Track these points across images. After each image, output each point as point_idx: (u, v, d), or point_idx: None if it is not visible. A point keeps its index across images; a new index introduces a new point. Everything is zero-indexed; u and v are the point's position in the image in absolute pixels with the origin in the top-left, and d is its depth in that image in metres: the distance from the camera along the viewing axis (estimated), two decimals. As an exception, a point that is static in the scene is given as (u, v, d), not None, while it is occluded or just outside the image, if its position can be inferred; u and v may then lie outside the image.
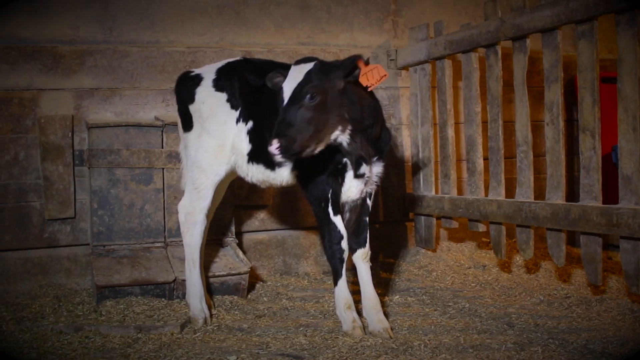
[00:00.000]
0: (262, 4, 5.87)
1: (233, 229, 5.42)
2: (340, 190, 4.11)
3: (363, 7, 6.18)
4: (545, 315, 4.34)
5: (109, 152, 5.09)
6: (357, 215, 4.23)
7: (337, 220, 4.08)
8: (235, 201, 5.46)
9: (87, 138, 5.18)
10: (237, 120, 4.42)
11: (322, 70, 3.73)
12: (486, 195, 5.25)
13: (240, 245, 5.50)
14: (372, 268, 4.25)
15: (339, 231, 4.07)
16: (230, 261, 5.08)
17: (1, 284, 5.06)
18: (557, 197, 4.58)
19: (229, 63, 4.62)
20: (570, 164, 6.38)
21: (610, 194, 4.52)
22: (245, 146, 4.39)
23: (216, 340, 4.03)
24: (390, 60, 6.16)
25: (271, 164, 4.25)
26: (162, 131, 5.22)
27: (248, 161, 4.41)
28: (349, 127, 3.80)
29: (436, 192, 5.85)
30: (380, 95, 6.07)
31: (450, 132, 5.62)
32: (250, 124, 4.38)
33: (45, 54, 5.26)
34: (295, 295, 5.06)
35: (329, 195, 4.07)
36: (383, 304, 4.71)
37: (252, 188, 5.23)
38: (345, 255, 4.10)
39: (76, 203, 5.24)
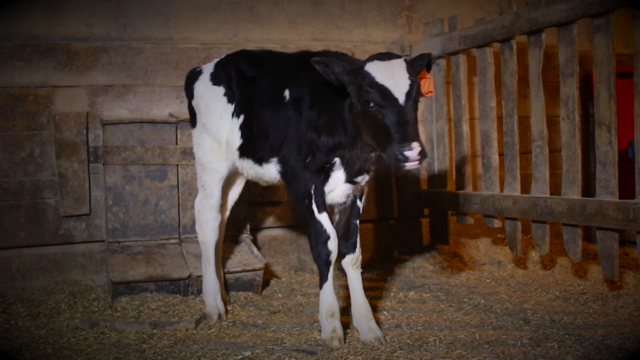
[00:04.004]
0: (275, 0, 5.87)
1: (248, 225, 5.42)
2: (323, 188, 3.86)
3: (377, 3, 6.17)
4: (562, 311, 4.31)
5: (123, 148, 5.10)
6: (347, 218, 3.99)
7: (323, 218, 3.80)
8: (249, 198, 5.46)
9: (101, 135, 5.19)
10: (232, 114, 4.28)
11: (412, 67, 3.46)
12: (501, 190, 5.23)
13: (254, 241, 5.50)
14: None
15: (325, 230, 3.79)
16: (245, 257, 5.08)
17: (17, 281, 5.09)
18: (573, 192, 4.55)
19: (227, 55, 4.53)
20: (586, 160, 6.34)
21: (626, 189, 4.49)
22: (237, 140, 4.23)
23: (231, 336, 4.04)
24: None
25: (259, 159, 4.09)
26: (177, 128, 5.23)
27: (239, 156, 4.25)
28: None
29: (451, 188, 5.82)
30: (394, 90, 6.05)
31: (465, 128, 5.60)
32: (242, 117, 4.20)
33: (60, 51, 5.27)
34: (310, 292, 5.06)
35: (312, 191, 3.79)
36: (398, 300, 4.71)
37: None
38: (333, 257, 3.82)
39: (91, 200, 5.26)
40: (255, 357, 3.65)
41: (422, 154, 3.22)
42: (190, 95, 4.54)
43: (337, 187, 3.88)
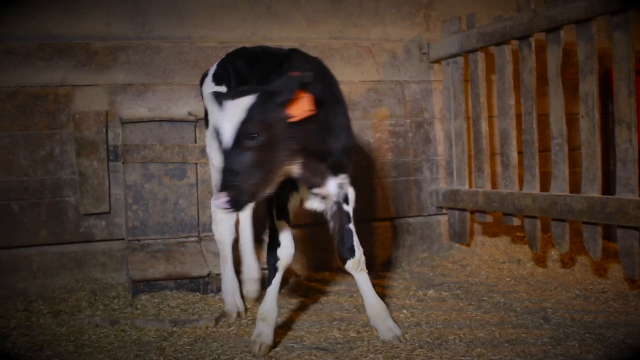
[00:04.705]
0: (293, -2, 5.89)
1: (267, 224, 5.42)
2: (288, 194, 3.79)
3: (395, 1, 6.16)
4: (582, 310, 4.29)
5: (142, 147, 5.12)
6: (340, 224, 3.88)
7: (280, 224, 3.81)
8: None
9: (121, 133, 5.22)
10: None
11: (264, 101, 3.28)
12: (520, 189, 5.21)
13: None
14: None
15: (277, 237, 3.81)
16: (264, 256, 5.08)
17: (38, 278, 5.12)
18: (593, 190, 4.53)
19: (227, 54, 4.52)
20: (605, 158, 6.30)
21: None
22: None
23: (250, 333, 4.04)
24: (423, 53, 6.13)
25: None
26: (195, 126, 5.25)
27: None
28: (299, 159, 3.44)
29: (470, 186, 5.81)
30: (413, 89, 6.06)
31: (484, 126, 5.58)
32: None
33: (79, 50, 5.30)
34: (329, 290, 5.07)
35: (273, 196, 3.68)
36: (417, 298, 4.70)
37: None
38: (280, 264, 3.79)
39: (111, 198, 5.29)
40: (275, 355, 3.66)
41: (231, 204, 3.17)
42: (201, 95, 4.57)
43: (307, 197, 3.85)
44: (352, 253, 3.85)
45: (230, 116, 3.27)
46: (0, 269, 5.05)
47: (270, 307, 3.81)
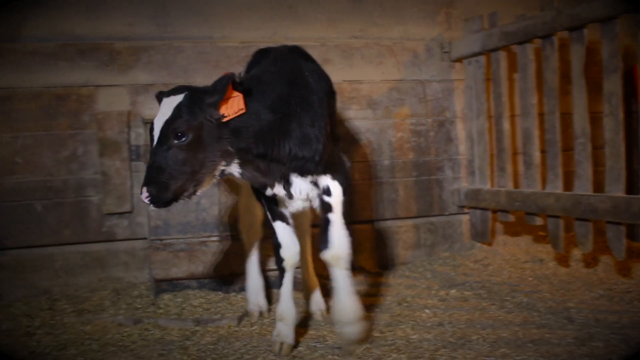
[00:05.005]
0: (314, -3, 5.89)
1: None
2: (273, 197, 3.77)
3: (416, 0, 6.14)
4: (606, 310, 4.25)
5: (165, 147, 5.13)
6: (322, 214, 3.74)
7: (277, 225, 3.83)
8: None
9: (143, 133, 5.24)
10: None
11: (193, 100, 3.29)
12: (543, 188, 5.18)
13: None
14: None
15: (277, 238, 3.84)
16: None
17: (61, 277, 5.15)
18: (617, 189, 4.49)
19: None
20: (629, 157, 6.25)
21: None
22: None
23: (273, 333, 4.06)
24: (444, 52, 6.10)
25: None
26: (217, 126, 5.25)
27: None
28: (236, 160, 3.43)
29: (492, 185, 5.78)
30: (434, 88, 6.04)
31: (506, 125, 5.55)
32: None
33: (102, 50, 5.33)
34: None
35: (262, 200, 3.87)
36: (439, 298, 4.69)
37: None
38: (286, 264, 3.83)
39: (133, 197, 5.31)
40: (298, 355, 3.67)
41: (152, 199, 3.20)
42: None
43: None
44: (327, 243, 3.66)
45: (161, 113, 3.29)
46: (24, 268, 5.09)
47: (286, 307, 3.84)
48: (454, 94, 6.13)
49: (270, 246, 4.90)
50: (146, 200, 3.21)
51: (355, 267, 5.64)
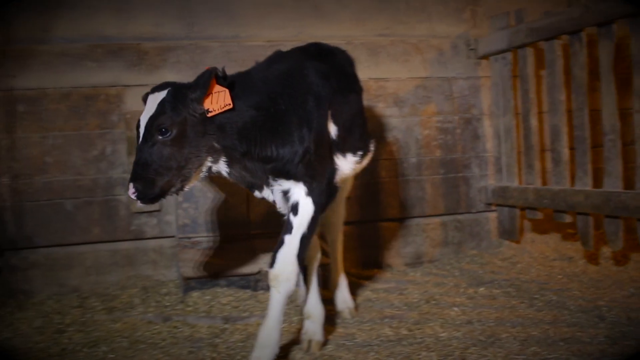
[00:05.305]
0: (339, -4, 5.89)
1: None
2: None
3: (441, -3, 6.14)
4: (638, 308, 4.20)
5: (192, 146, 5.16)
6: (282, 231, 3.55)
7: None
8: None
9: (171, 132, 5.27)
10: None
11: (176, 96, 3.31)
12: (572, 185, 5.14)
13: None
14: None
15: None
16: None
17: (91, 275, 5.20)
18: (648, 186, 4.45)
19: None
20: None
21: None
22: None
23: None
24: (470, 49, 6.08)
25: None
26: (244, 124, 5.27)
27: None
28: (224, 158, 3.43)
29: (519, 182, 5.75)
30: (460, 85, 6.02)
31: (534, 122, 5.51)
32: None
33: (130, 51, 5.37)
34: (379, 287, 5.05)
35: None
36: (467, 296, 4.67)
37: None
38: (310, 262, 3.93)
39: (161, 196, 5.34)
40: (328, 352, 3.67)
41: (138, 195, 3.23)
42: None
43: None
44: (272, 263, 3.49)
45: (146, 110, 3.33)
46: (55, 266, 5.14)
47: (312, 305, 3.87)
48: (481, 91, 6.11)
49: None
50: (133, 197, 3.23)
51: (382, 266, 5.66)
